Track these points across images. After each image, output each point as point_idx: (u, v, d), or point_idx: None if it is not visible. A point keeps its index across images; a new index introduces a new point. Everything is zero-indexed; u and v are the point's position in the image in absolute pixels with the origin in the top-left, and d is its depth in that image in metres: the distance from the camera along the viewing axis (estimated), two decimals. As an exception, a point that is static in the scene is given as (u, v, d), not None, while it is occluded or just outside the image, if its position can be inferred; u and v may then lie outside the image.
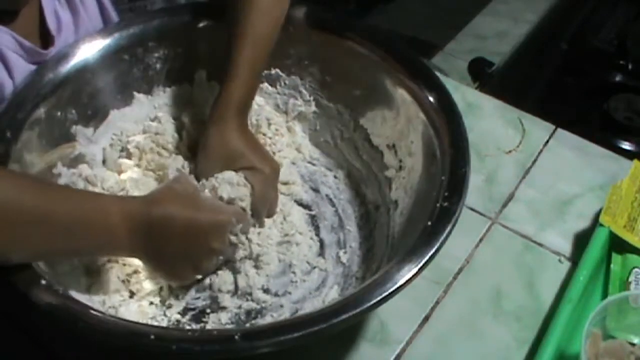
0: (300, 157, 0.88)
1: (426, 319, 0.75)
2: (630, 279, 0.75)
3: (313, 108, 0.87)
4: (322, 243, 0.79)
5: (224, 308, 0.72)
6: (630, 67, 1.29)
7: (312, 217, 0.82)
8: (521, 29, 1.37)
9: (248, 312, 0.72)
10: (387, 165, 0.81)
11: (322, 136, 0.88)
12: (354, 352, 0.71)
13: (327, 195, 0.85)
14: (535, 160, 0.93)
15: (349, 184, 0.86)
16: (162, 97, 0.84)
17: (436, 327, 0.74)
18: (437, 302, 0.76)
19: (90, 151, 0.78)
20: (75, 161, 0.76)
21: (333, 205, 0.84)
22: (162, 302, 0.72)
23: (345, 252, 0.78)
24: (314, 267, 0.77)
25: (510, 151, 0.93)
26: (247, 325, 0.71)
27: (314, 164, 0.88)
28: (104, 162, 0.80)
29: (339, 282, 0.76)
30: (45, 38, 0.78)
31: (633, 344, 0.67)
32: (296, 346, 0.56)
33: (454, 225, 0.64)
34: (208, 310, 0.72)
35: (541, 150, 0.94)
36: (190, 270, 0.71)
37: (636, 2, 1.44)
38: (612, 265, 0.77)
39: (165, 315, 0.71)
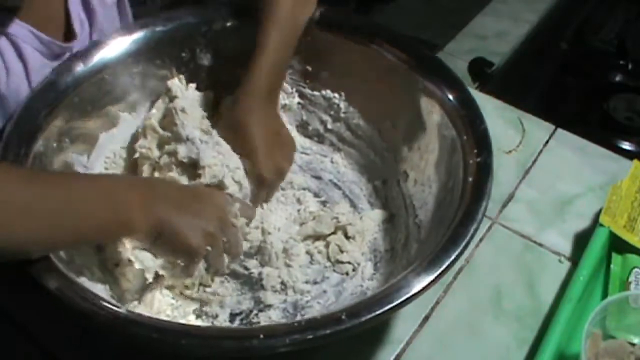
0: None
1: (426, 318, 0.75)
2: (630, 279, 0.75)
3: (297, 99, 0.88)
4: None
5: (269, 306, 0.73)
6: (630, 67, 1.29)
7: (323, 203, 0.83)
8: (521, 29, 1.37)
9: (294, 305, 0.73)
10: (386, 140, 0.83)
11: (311, 125, 0.89)
12: (354, 352, 0.71)
13: (330, 180, 0.87)
14: (535, 160, 0.93)
15: (348, 166, 0.88)
16: (144, 112, 0.83)
17: (436, 327, 0.74)
18: (437, 302, 0.76)
19: None
20: None
21: (339, 188, 0.86)
22: (207, 314, 0.72)
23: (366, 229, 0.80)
24: (342, 250, 0.78)
25: (510, 151, 0.93)
26: (298, 316, 0.72)
27: (307, 154, 0.89)
28: None
29: (370, 258, 0.78)
30: (68, 37, 0.78)
31: (633, 344, 0.67)
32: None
33: (492, 181, 0.67)
34: (255, 311, 0.73)
35: (541, 150, 0.94)
36: (198, 232, 0.67)
37: (636, 2, 1.44)
38: (612, 265, 0.77)
39: (213, 325, 0.71)
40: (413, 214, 0.78)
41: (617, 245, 0.78)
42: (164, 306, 0.70)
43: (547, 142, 0.95)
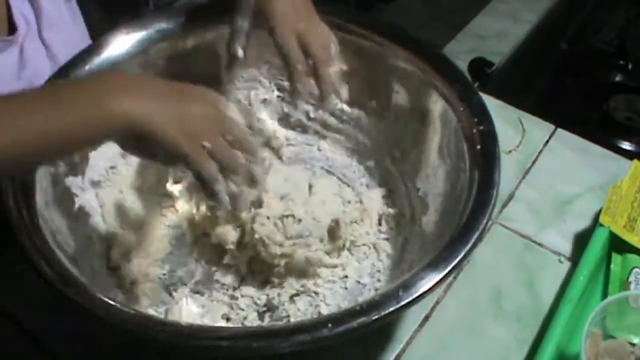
0: (278, 142, 0.89)
1: (426, 318, 0.75)
2: (630, 279, 0.75)
3: (276, 93, 0.88)
4: None
5: (293, 297, 0.73)
6: (630, 67, 1.29)
7: None
8: (521, 29, 1.36)
9: (316, 292, 0.73)
10: (373, 119, 0.84)
11: (293, 116, 0.89)
12: (354, 352, 0.71)
13: (322, 168, 0.87)
14: (535, 160, 0.93)
15: (337, 151, 0.89)
16: None
17: (436, 327, 0.74)
18: (437, 302, 0.76)
19: (87, 200, 0.76)
20: (83, 215, 0.74)
21: (332, 174, 0.86)
22: (236, 316, 0.71)
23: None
24: (354, 235, 0.79)
25: (510, 151, 0.93)
26: (323, 306, 0.72)
27: (293, 145, 0.90)
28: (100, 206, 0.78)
29: (380, 237, 0.79)
30: (11, 32, 0.78)
31: (633, 344, 0.68)
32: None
33: (499, 147, 0.68)
34: (282, 306, 0.72)
35: (541, 150, 0.94)
36: (184, 129, 0.56)
37: (636, 2, 1.44)
38: (612, 265, 0.77)
39: (243, 325, 0.71)
40: (414, 187, 0.78)
41: (617, 245, 0.78)
42: (192, 315, 0.70)
43: (547, 142, 0.95)
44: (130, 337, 0.60)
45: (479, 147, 0.68)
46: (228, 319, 0.71)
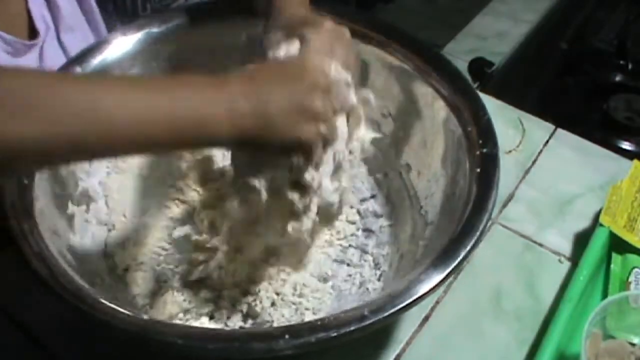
0: None
1: (426, 319, 0.75)
2: (630, 279, 0.75)
3: None
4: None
5: (277, 304, 0.72)
6: (630, 67, 1.29)
7: None
8: (521, 29, 1.36)
9: (303, 301, 0.73)
10: (385, 132, 0.83)
11: None
12: (354, 352, 0.71)
13: None
14: (535, 160, 0.93)
15: None
16: None
17: (436, 327, 0.74)
18: (437, 302, 0.76)
19: (91, 185, 0.76)
20: (86, 199, 0.74)
21: None
22: (219, 316, 0.71)
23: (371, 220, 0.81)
24: (349, 245, 0.79)
25: (510, 151, 0.93)
26: (308, 313, 0.72)
27: None
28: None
29: (372, 252, 0.79)
30: (33, 36, 0.80)
31: (633, 344, 0.67)
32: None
33: (499, 171, 0.68)
34: (267, 310, 0.72)
35: (541, 150, 0.94)
36: (298, 114, 0.54)
37: (636, 2, 1.44)
38: (612, 265, 0.77)
39: (227, 326, 0.71)
40: (417, 205, 0.78)
41: (617, 245, 0.78)
42: (176, 309, 0.70)
43: (547, 142, 0.95)
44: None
45: (478, 169, 0.68)
46: (212, 317, 0.71)
